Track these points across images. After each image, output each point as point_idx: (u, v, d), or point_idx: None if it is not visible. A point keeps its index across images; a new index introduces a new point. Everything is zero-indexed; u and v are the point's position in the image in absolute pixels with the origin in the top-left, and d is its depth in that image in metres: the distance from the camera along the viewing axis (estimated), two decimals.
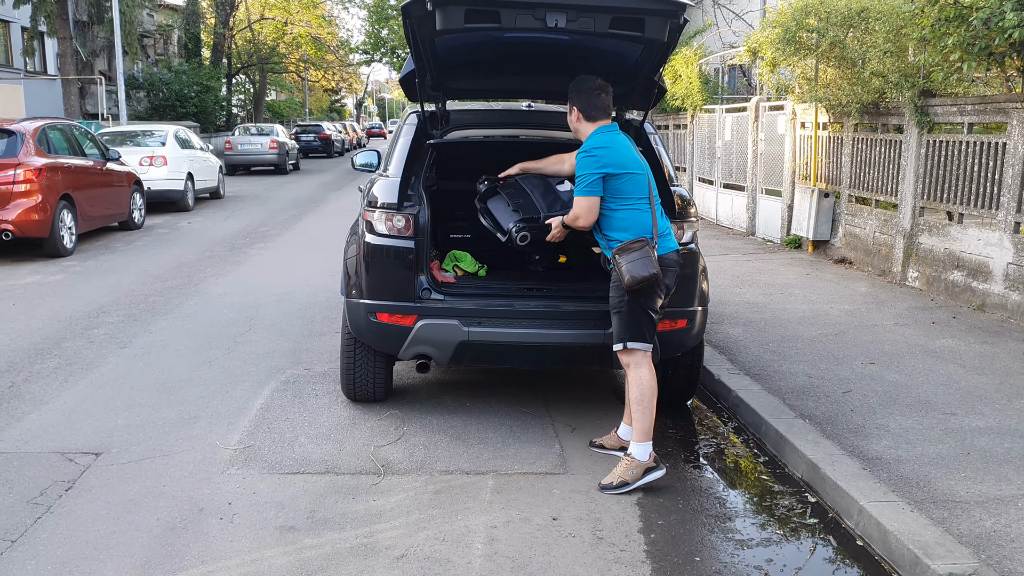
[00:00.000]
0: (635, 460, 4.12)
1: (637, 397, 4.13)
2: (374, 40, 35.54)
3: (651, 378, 4.16)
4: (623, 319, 4.14)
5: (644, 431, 4.13)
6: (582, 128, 4.33)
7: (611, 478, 4.12)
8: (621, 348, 4.15)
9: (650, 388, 4.14)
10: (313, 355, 6.30)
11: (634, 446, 4.15)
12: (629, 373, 4.18)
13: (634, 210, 4.15)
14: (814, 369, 5.72)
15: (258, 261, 10.57)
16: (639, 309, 4.11)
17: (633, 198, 4.16)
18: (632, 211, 4.15)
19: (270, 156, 27.11)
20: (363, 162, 6.28)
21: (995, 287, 7.35)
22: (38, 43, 27.70)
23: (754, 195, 12.56)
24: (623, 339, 4.14)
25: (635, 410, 4.13)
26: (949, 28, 6.93)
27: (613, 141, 4.22)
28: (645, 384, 4.13)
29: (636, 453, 4.13)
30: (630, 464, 4.12)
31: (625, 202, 4.16)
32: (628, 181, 4.15)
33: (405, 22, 4.41)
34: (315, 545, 3.55)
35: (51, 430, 4.81)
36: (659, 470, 4.15)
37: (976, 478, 3.99)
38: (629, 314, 4.12)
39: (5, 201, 9.94)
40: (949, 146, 8.04)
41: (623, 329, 4.15)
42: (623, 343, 4.14)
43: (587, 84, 4.32)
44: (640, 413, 4.12)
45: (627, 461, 4.14)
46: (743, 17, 17.04)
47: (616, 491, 4.07)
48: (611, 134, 4.25)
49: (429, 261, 4.84)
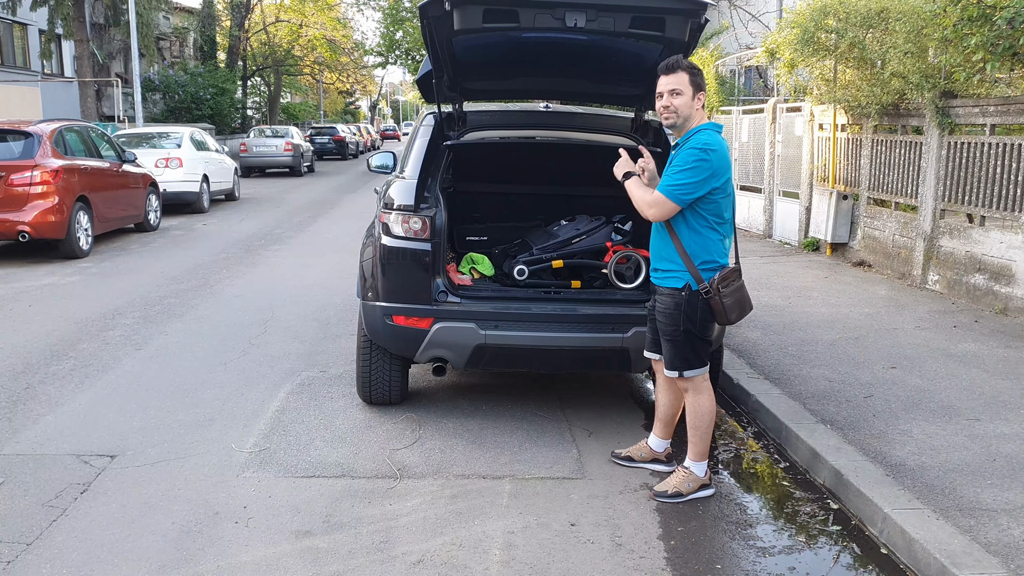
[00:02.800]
0: (693, 474, 4.04)
1: (694, 423, 4.02)
2: (388, 42, 35.59)
3: (710, 403, 4.01)
4: (679, 349, 3.92)
5: (701, 453, 4.05)
6: (695, 117, 3.85)
7: (666, 486, 4.03)
8: (677, 376, 3.99)
9: (708, 414, 4.00)
10: (329, 357, 6.27)
11: (692, 464, 4.06)
12: (688, 399, 4.03)
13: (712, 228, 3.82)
14: (834, 373, 5.64)
15: (273, 263, 10.56)
16: (696, 339, 3.92)
17: (726, 220, 3.86)
18: (709, 232, 3.82)
19: (285, 158, 27.16)
20: (379, 164, 6.25)
21: (1018, 290, 7.24)
22: (55, 46, 27.91)
23: (771, 197, 12.47)
24: (678, 368, 3.95)
25: (692, 434, 4.04)
26: (972, 28, 6.84)
27: (723, 146, 3.81)
28: (704, 411, 4.00)
29: (694, 468, 4.06)
30: (687, 476, 4.04)
31: (716, 222, 3.83)
32: (725, 197, 3.82)
33: (423, 22, 4.38)
34: (331, 549, 3.51)
35: (66, 432, 4.80)
36: (711, 488, 4.09)
37: (1003, 485, 3.91)
38: (686, 344, 3.91)
39: (22, 202, 9.98)
40: (970, 148, 7.94)
41: (679, 359, 3.93)
42: (678, 372, 3.96)
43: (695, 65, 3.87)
44: (698, 437, 4.03)
45: (684, 473, 4.05)
46: (759, 18, 16.94)
47: (669, 500, 3.97)
48: (718, 135, 3.84)
49: (446, 263, 4.81)
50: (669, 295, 3.89)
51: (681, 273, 3.86)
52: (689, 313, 3.85)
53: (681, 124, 3.85)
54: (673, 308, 3.88)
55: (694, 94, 3.81)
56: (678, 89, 3.79)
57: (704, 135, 3.78)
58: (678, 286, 3.87)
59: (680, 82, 3.79)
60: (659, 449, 4.40)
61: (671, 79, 3.80)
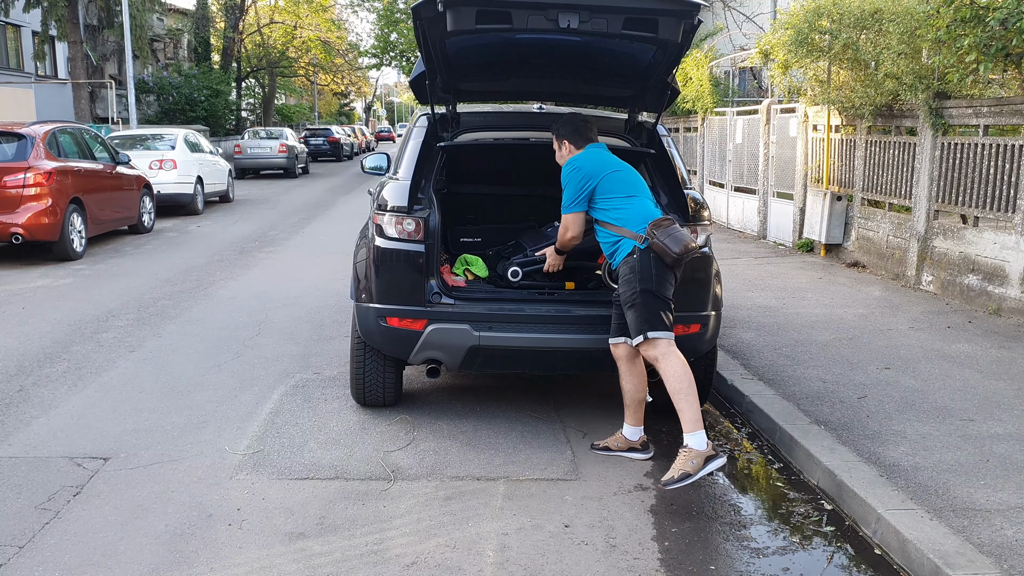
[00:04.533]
0: (693, 450, 3.94)
1: (674, 387, 3.99)
2: (383, 44, 35.58)
3: (683, 365, 4.04)
4: (639, 310, 4.07)
5: (694, 419, 3.97)
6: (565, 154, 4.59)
7: (672, 473, 3.93)
8: (643, 340, 4.06)
9: (685, 375, 4.01)
10: (322, 359, 6.26)
11: (688, 437, 3.96)
12: (659, 367, 4.06)
13: (629, 201, 4.31)
14: (828, 374, 5.65)
15: (267, 265, 10.55)
16: (653, 297, 4.07)
17: (622, 195, 4.32)
18: (628, 204, 4.30)
19: (279, 160, 27.12)
20: (373, 165, 6.24)
21: (1011, 291, 7.26)
22: (49, 47, 27.83)
23: (765, 198, 12.49)
24: (643, 330, 4.06)
25: (677, 400, 3.99)
26: (965, 29, 6.86)
27: (591, 154, 4.46)
28: (679, 372, 4.01)
29: (693, 443, 3.95)
30: (688, 455, 3.93)
31: (616, 200, 4.32)
32: (614, 179, 4.35)
33: (416, 23, 4.37)
34: (325, 552, 3.50)
35: (60, 434, 4.78)
36: (720, 458, 3.97)
37: (996, 486, 3.92)
38: (644, 304, 4.06)
39: (15, 204, 9.95)
40: (964, 148, 7.96)
41: (641, 321, 4.07)
42: (643, 334, 4.05)
43: (574, 119, 4.65)
44: (685, 403, 3.97)
45: (685, 453, 3.95)
46: (753, 20, 16.95)
47: (679, 483, 3.87)
48: (589, 150, 4.49)
49: (439, 265, 4.80)
50: (624, 264, 4.19)
51: (624, 242, 4.24)
52: (642, 269, 4.11)
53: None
54: (628, 272, 4.15)
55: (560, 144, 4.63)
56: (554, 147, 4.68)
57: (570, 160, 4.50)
58: (627, 251, 4.21)
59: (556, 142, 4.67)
60: (634, 438, 4.47)
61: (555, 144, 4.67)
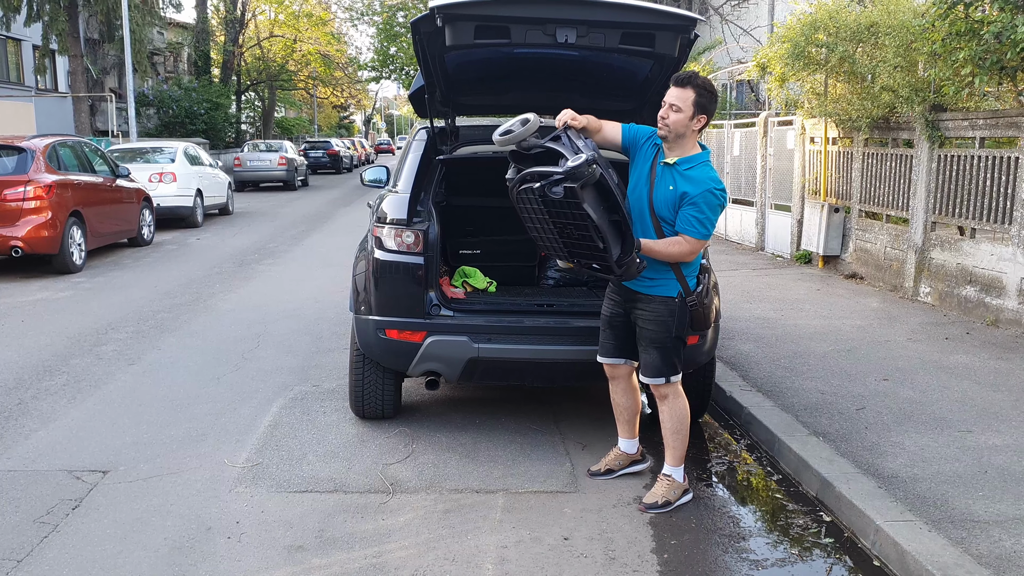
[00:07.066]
0: (676, 481, 4.13)
1: (675, 428, 4.10)
2: (383, 57, 35.72)
3: (687, 407, 4.15)
4: (667, 354, 3.99)
5: (680, 457, 4.15)
6: (688, 139, 3.81)
7: (655, 497, 4.07)
8: (664, 383, 4.03)
9: (687, 418, 4.13)
10: (321, 372, 6.27)
11: (672, 469, 4.14)
12: (666, 403, 4.09)
13: None
14: (827, 386, 5.66)
15: (267, 277, 10.56)
16: (681, 344, 4.05)
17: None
18: None
19: (279, 172, 27.19)
20: (372, 178, 6.26)
21: (1009, 302, 7.28)
22: (49, 61, 27.87)
23: (763, 210, 12.52)
24: (666, 375, 4.01)
25: (674, 439, 4.11)
26: (960, 42, 6.91)
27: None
28: (685, 414, 4.12)
29: (676, 476, 4.14)
30: (672, 484, 4.11)
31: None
32: None
33: (415, 38, 4.41)
34: (323, 565, 3.50)
35: (58, 448, 4.78)
36: (690, 492, 4.20)
37: (995, 497, 3.92)
38: (674, 350, 4.01)
39: (15, 218, 9.98)
40: (961, 160, 7.99)
41: (666, 365, 4.00)
42: (665, 378, 4.01)
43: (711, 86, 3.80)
44: (679, 442, 4.12)
45: (668, 482, 4.12)
46: (751, 33, 17.04)
47: (660, 510, 4.03)
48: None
49: (439, 277, 4.82)
50: (663, 303, 3.96)
51: (672, 282, 3.94)
52: (680, 317, 3.98)
53: (672, 140, 3.83)
54: (668, 315, 3.95)
55: (694, 115, 3.74)
56: (677, 105, 3.73)
57: (712, 172, 3.83)
58: (672, 294, 3.95)
59: (683, 98, 3.72)
60: (632, 450, 4.48)
61: (676, 93, 3.75)
